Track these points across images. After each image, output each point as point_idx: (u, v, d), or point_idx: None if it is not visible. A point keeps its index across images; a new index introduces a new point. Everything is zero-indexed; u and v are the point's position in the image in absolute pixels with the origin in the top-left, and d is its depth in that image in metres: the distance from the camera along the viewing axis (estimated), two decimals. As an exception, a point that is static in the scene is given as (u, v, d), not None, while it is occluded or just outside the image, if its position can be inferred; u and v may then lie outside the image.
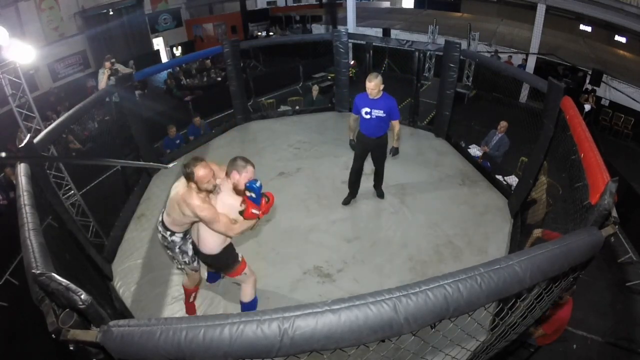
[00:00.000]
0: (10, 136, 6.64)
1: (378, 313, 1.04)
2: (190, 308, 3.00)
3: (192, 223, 2.44)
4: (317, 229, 3.89)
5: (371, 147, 3.82)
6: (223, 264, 2.56)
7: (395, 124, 3.65)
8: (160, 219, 2.55)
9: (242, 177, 2.28)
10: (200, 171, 2.16)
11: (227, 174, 2.32)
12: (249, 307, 2.70)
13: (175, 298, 3.18)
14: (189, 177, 2.20)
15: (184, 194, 2.23)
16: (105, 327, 1.04)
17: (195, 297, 2.98)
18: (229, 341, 0.99)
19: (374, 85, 3.42)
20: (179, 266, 2.76)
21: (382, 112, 3.53)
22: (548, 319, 2.74)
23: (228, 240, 2.48)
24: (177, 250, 2.59)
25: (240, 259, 2.58)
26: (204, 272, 3.22)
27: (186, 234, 2.59)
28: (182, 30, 15.27)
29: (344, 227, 3.89)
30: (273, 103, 8.00)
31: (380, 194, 4.31)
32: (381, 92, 3.52)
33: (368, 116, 3.58)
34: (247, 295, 2.69)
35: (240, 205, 2.28)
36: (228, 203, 2.32)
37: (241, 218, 2.30)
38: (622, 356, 3.71)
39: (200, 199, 2.20)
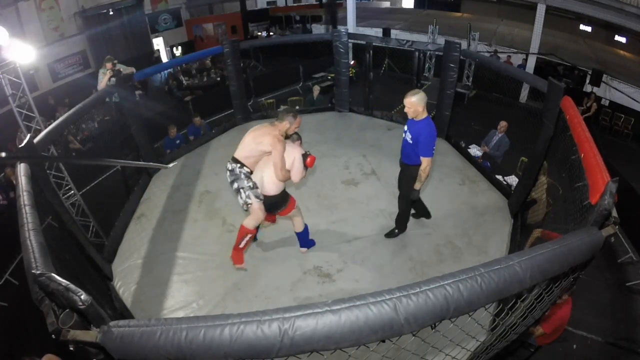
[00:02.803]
0: (10, 136, 6.64)
1: (378, 313, 1.04)
2: (237, 255, 3.07)
3: (256, 162, 2.94)
4: (317, 229, 3.88)
5: (400, 172, 3.46)
6: (281, 203, 3.11)
7: (423, 160, 3.07)
8: (229, 162, 2.96)
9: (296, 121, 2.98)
10: (298, 118, 2.95)
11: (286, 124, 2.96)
12: (305, 233, 3.43)
13: (176, 298, 3.18)
14: (288, 119, 2.88)
15: (270, 129, 2.86)
16: (105, 327, 1.04)
17: (247, 243, 3.09)
18: (229, 341, 0.99)
19: (407, 103, 2.99)
20: (244, 200, 2.96)
21: (410, 137, 3.10)
22: (548, 318, 2.74)
23: (284, 186, 3.05)
24: (242, 176, 2.91)
25: (290, 198, 3.16)
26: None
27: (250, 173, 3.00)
28: (182, 30, 15.28)
29: (344, 227, 3.89)
30: (273, 103, 8.01)
31: (389, 232, 3.71)
32: (424, 114, 3.03)
33: (403, 135, 3.23)
34: (300, 226, 3.37)
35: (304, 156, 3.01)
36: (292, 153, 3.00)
37: (296, 169, 3.00)
38: (622, 356, 3.71)
39: (280, 139, 2.81)
